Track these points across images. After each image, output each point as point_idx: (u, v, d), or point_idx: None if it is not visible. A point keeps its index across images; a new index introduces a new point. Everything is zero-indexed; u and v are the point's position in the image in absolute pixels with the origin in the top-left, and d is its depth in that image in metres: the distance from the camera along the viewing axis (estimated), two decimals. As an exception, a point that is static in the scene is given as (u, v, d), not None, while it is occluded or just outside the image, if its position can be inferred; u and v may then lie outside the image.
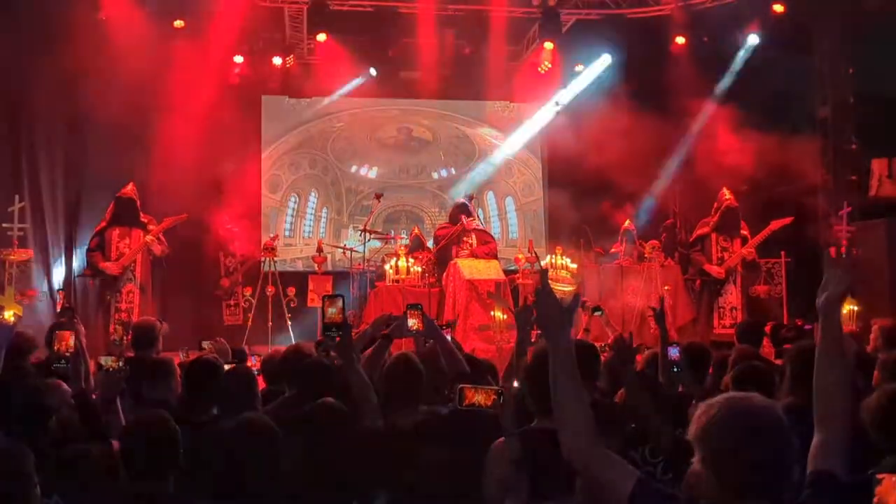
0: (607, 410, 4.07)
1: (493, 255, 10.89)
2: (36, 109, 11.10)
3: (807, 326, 10.18)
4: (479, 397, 2.88)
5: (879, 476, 1.79)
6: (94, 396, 4.10)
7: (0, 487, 2.61)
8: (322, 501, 3.07)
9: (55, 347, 4.19)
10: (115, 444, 3.33)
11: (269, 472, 2.87)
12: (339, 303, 3.55)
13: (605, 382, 4.41)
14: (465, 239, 10.84)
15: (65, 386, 3.88)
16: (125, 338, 7.94)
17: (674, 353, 4.55)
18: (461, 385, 2.95)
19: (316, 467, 3.10)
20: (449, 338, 4.69)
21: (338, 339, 3.59)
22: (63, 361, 4.10)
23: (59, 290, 7.09)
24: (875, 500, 1.78)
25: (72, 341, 4.13)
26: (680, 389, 4.56)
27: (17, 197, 10.38)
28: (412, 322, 4.23)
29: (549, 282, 2.33)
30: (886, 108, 11.04)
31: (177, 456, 3.01)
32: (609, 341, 6.22)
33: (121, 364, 4.27)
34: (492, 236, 11.67)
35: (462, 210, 11.04)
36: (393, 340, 4.33)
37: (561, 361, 2.21)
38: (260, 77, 12.82)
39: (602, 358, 5.20)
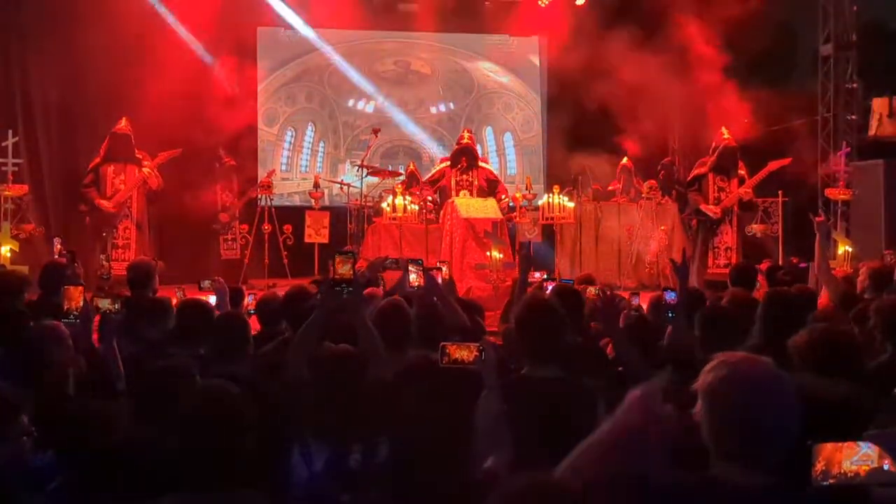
0: (593, 354, 4.13)
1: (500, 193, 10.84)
2: (28, 43, 10.92)
3: (802, 264, 10.23)
4: (461, 353, 2.91)
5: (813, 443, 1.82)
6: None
7: None
8: (328, 443, 3.11)
9: (65, 306, 4.16)
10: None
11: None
12: (351, 260, 3.62)
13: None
14: (464, 176, 10.74)
15: (64, 331, 3.83)
16: (111, 271, 7.98)
17: (670, 297, 4.50)
18: (443, 343, 2.98)
19: (324, 410, 3.14)
20: (440, 279, 4.72)
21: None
22: (73, 318, 4.08)
23: (55, 238, 7.07)
24: (820, 465, 1.81)
25: (81, 299, 4.09)
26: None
27: (10, 132, 10.31)
28: (413, 277, 4.28)
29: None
30: (888, 45, 10.88)
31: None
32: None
33: (117, 306, 4.30)
34: (497, 177, 11.44)
35: (465, 153, 10.87)
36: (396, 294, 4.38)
37: None
38: (256, 8, 12.59)
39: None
